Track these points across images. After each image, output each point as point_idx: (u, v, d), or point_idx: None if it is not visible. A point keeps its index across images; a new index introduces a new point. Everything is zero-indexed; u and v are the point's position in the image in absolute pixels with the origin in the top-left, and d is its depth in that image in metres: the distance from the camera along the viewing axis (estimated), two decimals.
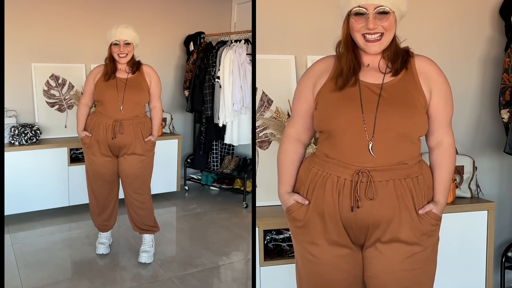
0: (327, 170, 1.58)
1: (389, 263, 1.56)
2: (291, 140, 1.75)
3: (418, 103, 1.55)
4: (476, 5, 2.86)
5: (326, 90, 1.61)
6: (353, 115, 1.53)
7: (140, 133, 2.98)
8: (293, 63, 2.70)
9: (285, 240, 2.60)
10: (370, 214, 1.54)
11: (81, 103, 3.08)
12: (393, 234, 1.55)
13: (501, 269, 2.80)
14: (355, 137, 1.53)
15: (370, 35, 1.53)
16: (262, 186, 2.60)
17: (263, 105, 2.66)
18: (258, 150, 2.63)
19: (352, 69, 1.58)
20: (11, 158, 3.72)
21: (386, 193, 1.53)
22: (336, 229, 1.59)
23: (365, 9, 1.51)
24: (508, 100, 2.70)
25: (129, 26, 2.91)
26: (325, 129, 1.59)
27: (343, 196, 1.55)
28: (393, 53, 1.58)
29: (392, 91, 1.56)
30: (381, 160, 1.52)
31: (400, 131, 1.52)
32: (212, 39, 4.74)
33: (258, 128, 2.63)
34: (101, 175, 3.03)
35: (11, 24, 3.88)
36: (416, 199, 1.56)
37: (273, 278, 2.39)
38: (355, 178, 1.53)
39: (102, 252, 3.18)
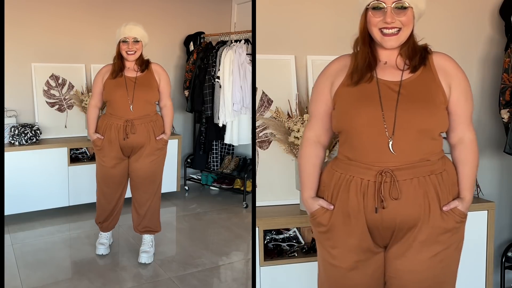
0: (350, 172, 1.57)
1: (412, 263, 1.54)
2: (311, 143, 1.72)
3: (438, 100, 1.54)
4: (476, 5, 2.86)
5: (343, 90, 1.60)
6: (372, 114, 1.52)
7: (152, 132, 2.95)
8: (293, 63, 2.70)
9: (285, 240, 2.60)
10: (396, 214, 1.52)
11: (91, 105, 3.05)
12: (417, 233, 1.53)
13: (501, 269, 2.80)
14: (375, 136, 1.52)
15: (388, 29, 1.53)
16: (262, 186, 2.60)
17: (263, 105, 2.66)
18: (258, 150, 2.63)
19: (368, 64, 1.57)
20: (11, 158, 3.71)
21: (410, 191, 1.52)
22: (361, 232, 1.57)
23: (384, 3, 1.51)
24: (508, 100, 2.70)
25: (138, 24, 2.89)
26: (344, 129, 1.58)
27: (367, 198, 1.54)
28: (411, 49, 1.57)
29: (411, 88, 1.55)
30: (403, 158, 1.51)
31: (420, 128, 1.51)
32: (212, 39, 4.74)
33: (258, 128, 2.63)
34: (112, 177, 3.00)
35: (11, 24, 3.88)
36: (441, 195, 1.55)
37: (273, 278, 2.39)
38: (379, 178, 1.51)
39: (102, 253, 3.16)
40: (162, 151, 3.04)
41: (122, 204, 3.18)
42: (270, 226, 2.42)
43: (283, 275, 2.40)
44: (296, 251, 2.51)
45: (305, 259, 2.42)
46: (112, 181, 3.02)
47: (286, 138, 2.48)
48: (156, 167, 3.04)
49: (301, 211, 2.49)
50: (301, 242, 2.61)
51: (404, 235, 1.55)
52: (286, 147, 2.49)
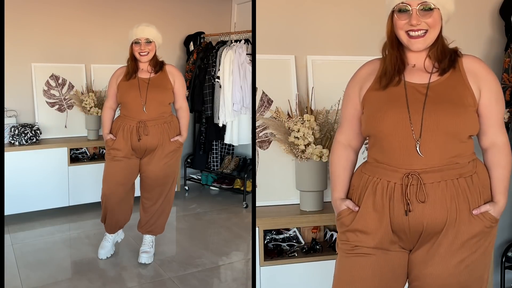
0: (377, 175, 1.57)
1: (436, 268, 1.52)
2: (342, 146, 1.73)
3: (466, 102, 1.52)
4: (476, 5, 2.86)
5: (372, 94, 1.60)
6: (399, 116, 1.51)
7: (166, 134, 2.91)
8: (293, 63, 2.70)
9: (285, 240, 2.60)
10: (423, 218, 1.50)
11: (105, 106, 3.03)
12: (443, 237, 1.51)
13: (501, 269, 2.80)
14: (402, 138, 1.51)
15: (414, 31, 1.52)
16: (262, 186, 2.60)
17: (263, 105, 2.66)
18: (258, 150, 2.63)
19: (397, 68, 1.57)
20: (11, 158, 3.71)
21: (437, 195, 1.50)
22: (385, 235, 1.55)
23: (409, 5, 1.50)
24: (508, 100, 2.70)
25: (150, 25, 2.87)
26: (372, 132, 1.58)
27: (394, 201, 1.52)
28: (440, 51, 1.56)
29: (439, 90, 1.53)
30: (430, 160, 1.49)
31: (448, 130, 1.49)
32: (212, 39, 4.74)
33: (258, 128, 2.63)
34: (119, 178, 2.93)
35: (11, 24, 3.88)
36: (470, 199, 1.52)
37: (273, 278, 2.39)
38: (405, 181, 1.50)
39: (102, 257, 3.09)
40: (176, 153, 3.01)
41: (131, 207, 3.09)
42: (270, 226, 2.42)
43: (283, 275, 2.40)
44: (296, 251, 2.51)
45: (305, 259, 2.42)
46: (118, 182, 2.93)
47: (286, 138, 2.48)
48: (169, 170, 3.00)
49: (301, 211, 2.49)
50: (301, 242, 2.61)
51: (431, 239, 1.53)
52: (286, 147, 2.49)
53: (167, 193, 3.06)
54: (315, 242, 2.53)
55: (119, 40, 3.52)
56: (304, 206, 2.49)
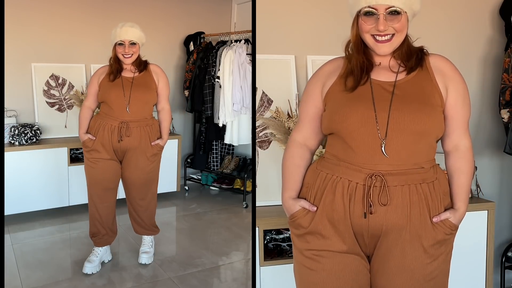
0: (338, 173, 1.50)
1: (397, 274, 1.47)
2: (297, 145, 1.67)
3: (434, 101, 1.48)
4: (476, 5, 2.86)
5: (335, 90, 1.55)
6: (365, 114, 1.45)
7: (147, 136, 2.85)
8: (293, 63, 2.70)
9: (285, 240, 2.60)
10: (383, 221, 1.45)
11: (84, 105, 2.92)
12: (403, 244, 1.46)
13: (501, 269, 2.80)
14: (367, 137, 1.45)
15: (380, 36, 1.47)
16: (262, 186, 2.60)
17: (263, 105, 2.65)
18: (258, 150, 2.63)
19: (364, 69, 1.52)
20: (11, 158, 3.72)
21: (400, 199, 1.44)
22: (346, 236, 1.50)
23: (376, 10, 1.44)
24: (508, 100, 2.70)
25: (135, 25, 2.78)
26: (335, 129, 1.51)
27: (354, 202, 1.46)
28: (405, 52, 1.52)
29: (406, 88, 1.49)
30: (396, 162, 1.44)
31: (415, 130, 1.43)
32: (212, 39, 4.74)
33: (258, 128, 2.63)
34: (101, 181, 2.85)
35: (11, 24, 3.89)
36: (431, 205, 1.48)
37: (273, 278, 2.39)
38: (368, 182, 1.44)
39: (87, 272, 2.88)
40: (157, 157, 2.93)
41: (114, 214, 3.02)
42: (270, 226, 2.42)
43: (283, 275, 2.40)
44: None
45: None
46: (103, 185, 2.86)
47: (286, 138, 2.48)
48: (151, 173, 2.94)
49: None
50: None
51: (390, 246, 1.47)
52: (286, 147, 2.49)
53: (151, 196, 3.02)
54: None
55: None
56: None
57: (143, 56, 2.93)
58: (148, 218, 3.08)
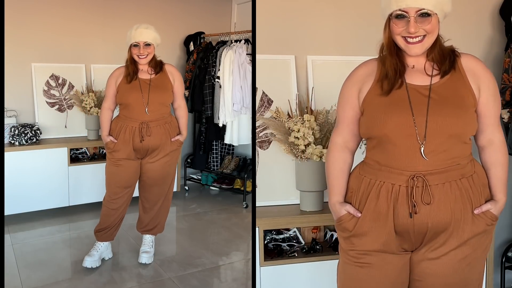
0: (380, 178, 1.55)
1: (439, 266, 1.53)
2: (339, 148, 1.70)
3: (468, 102, 1.53)
4: (476, 5, 2.86)
5: (372, 95, 1.58)
6: (403, 119, 1.50)
7: (167, 134, 2.92)
8: (293, 63, 2.70)
9: (285, 240, 2.60)
10: (428, 219, 1.51)
11: (104, 107, 2.98)
12: (448, 237, 1.52)
13: (501, 269, 2.80)
14: (406, 141, 1.50)
15: (411, 38, 1.50)
16: (262, 186, 2.60)
17: (263, 105, 2.65)
18: (258, 150, 2.63)
19: (398, 72, 1.55)
20: (11, 158, 3.71)
21: (442, 196, 1.50)
22: (388, 238, 1.55)
23: (406, 13, 1.47)
24: (508, 100, 2.70)
25: (149, 27, 2.84)
26: (374, 135, 1.56)
27: (398, 203, 1.52)
28: (438, 54, 1.55)
29: (441, 91, 1.53)
30: (435, 162, 1.50)
31: (452, 132, 1.49)
32: (212, 39, 4.74)
33: (258, 128, 2.63)
34: (123, 180, 2.92)
35: (11, 24, 3.88)
36: (473, 198, 1.54)
37: (273, 278, 2.39)
38: (410, 183, 1.50)
39: (87, 266, 2.94)
40: (176, 152, 3.02)
41: (125, 211, 3.06)
42: (270, 226, 2.42)
43: (283, 275, 2.40)
44: (296, 251, 2.51)
45: (305, 259, 2.42)
46: (122, 184, 2.93)
47: (286, 138, 2.47)
48: (170, 169, 3.02)
49: (301, 211, 2.49)
50: (301, 242, 2.61)
51: (434, 238, 1.54)
52: (286, 147, 2.49)
53: (167, 192, 3.08)
54: (315, 242, 2.53)
55: (119, 40, 3.51)
56: (304, 206, 2.49)
57: (158, 56, 2.97)
58: (161, 217, 3.10)
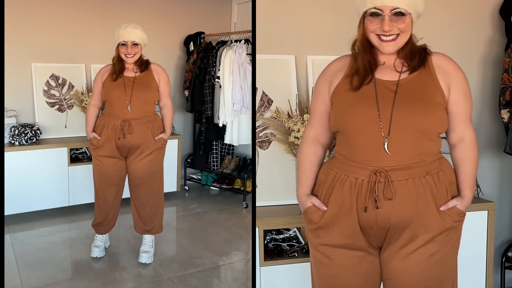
0: (345, 172, 1.57)
1: (409, 264, 1.53)
2: (310, 141, 1.74)
3: (436, 100, 1.53)
4: (476, 5, 2.86)
5: (341, 89, 1.59)
6: (368, 113, 1.51)
7: (150, 133, 2.94)
8: (293, 63, 2.70)
9: (285, 240, 2.60)
10: (390, 214, 1.51)
11: (90, 104, 3.05)
12: (412, 234, 1.52)
13: (501, 269, 2.80)
14: (370, 135, 1.51)
15: (385, 36, 1.51)
16: (262, 186, 2.60)
17: (263, 105, 2.66)
18: (258, 150, 2.63)
19: (369, 68, 1.56)
20: (11, 158, 3.71)
21: (405, 192, 1.51)
22: (352, 232, 1.56)
23: (381, 11, 1.49)
24: (508, 100, 2.70)
25: (137, 27, 2.87)
26: (340, 128, 1.58)
27: (361, 198, 1.53)
28: (409, 52, 1.56)
29: (409, 87, 1.53)
30: (398, 158, 1.50)
31: (417, 128, 1.49)
32: (212, 39, 4.74)
33: (258, 128, 2.63)
34: (108, 177, 2.98)
35: (11, 24, 3.89)
36: (437, 195, 1.54)
37: (273, 278, 2.39)
38: (373, 178, 1.51)
39: (97, 256, 3.12)
40: (160, 150, 3.02)
41: (119, 206, 3.16)
42: (270, 226, 2.42)
43: (283, 275, 2.40)
44: (296, 251, 2.51)
45: (305, 259, 2.42)
46: (108, 181, 2.99)
47: (286, 138, 2.48)
48: (155, 167, 3.02)
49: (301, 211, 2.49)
50: (301, 242, 2.61)
51: (400, 236, 1.54)
52: (286, 147, 2.49)
53: (157, 191, 3.09)
54: None
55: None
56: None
57: (144, 56, 3.00)
58: (153, 216, 3.10)
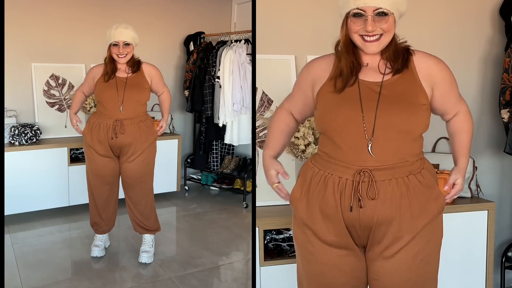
0: (329, 170, 1.57)
1: (393, 264, 1.54)
2: (284, 112, 1.80)
3: (419, 100, 1.53)
4: (476, 5, 2.86)
5: (325, 91, 1.60)
6: (352, 115, 1.51)
7: (141, 132, 2.95)
8: (293, 63, 2.70)
9: (285, 240, 2.60)
10: (373, 214, 1.52)
11: (78, 89, 3.14)
12: (396, 234, 1.53)
13: (501, 269, 2.80)
14: (354, 136, 1.51)
15: (369, 36, 1.51)
16: (262, 186, 2.60)
17: (263, 105, 2.66)
18: (258, 150, 2.63)
19: (353, 70, 1.56)
20: (11, 158, 3.71)
21: (388, 192, 1.51)
22: (338, 230, 1.57)
23: (364, 11, 1.48)
24: (508, 100, 2.70)
25: (129, 27, 2.88)
26: (325, 128, 1.58)
27: (345, 197, 1.53)
28: (393, 52, 1.56)
29: (392, 88, 1.54)
30: (382, 158, 1.51)
31: (401, 129, 1.50)
32: (212, 39, 4.74)
33: (258, 128, 2.63)
34: (101, 176, 3.00)
35: (11, 24, 3.88)
36: (420, 195, 1.54)
37: (273, 278, 2.39)
38: (357, 178, 1.51)
39: (96, 255, 3.12)
40: (151, 149, 3.02)
41: (116, 206, 3.16)
42: (270, 226, 2.42)
43: (283, 275, 2.40)
44: None
45: None
46: (101, 180, 3.00)
47: None
48: (147, 166, 3.03)
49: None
50: None
51: (383, 237, 1.54)
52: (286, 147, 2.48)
53: (150, 190, 3.10)
54: None
55: None
56: None
57: (140, 56, 3.01)
58: (149, 215, 3.10)
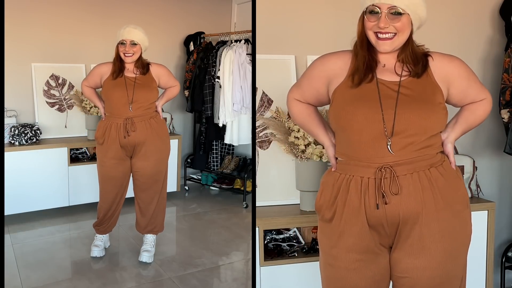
0: (349, 172, 1.58)
1: (422, 260, 1.53)
2: (297, 102, 1.78)
3: (436, 99, 1.55)
4: (476, 5, 2.86)
5: (343, 88, 1.60)
6: (371, 113, 1.52)
7: (152, 129, 2.94)
8: (293, 63, 2.70)
9: (285, 240, 2.60)
10: (399, 209, 1.52)
11: (83, 84, 3.08)
12: (423, 229, 1.53)
13: (501, 269, 2.80)
14: (374, 135, 1.52)
15: (382, 34, 1.53)
16: (262, 186, 2.60)
17: (263, 105, 2.66)
18: (258, 150, 2.63)
19: (368, 66, 1.58)
20: (11, 158, 3.71)
21: (411, 185, 1.52)
22: (360, 230, 1.56)
23: (379, 8, 1.52)
24: (508, 100, 2.70)
25: (138, 27, 2.89)
26: (343, 127, 1.58)
27: (369, 195, 1.54)
28: (410, 56, 1.58)
29: (410, 87, 1.55)
30: (402, 155, 1.52)
31: (420, 127, 1.52)
32: (212, 39, 4.74)
33: (258, 128, 2.63)
34: (112, 178, 2.98)
35: (11, 24, 3.88)
36: (446, 185, 1.55)
37: (273, 278, 2.39)
38: (378, 174, 1.52)
39: (96, 255, 3.12)
40: (165, 148, 3.03)
41: (121, 207, 3.16)
42: (270, 226, 2.42)
43: (283, 275, 2.40)
44: (296, 251, 2.51)
45: (305, 259, 2.42)
46: (112, 182, 2.99)
47: (286, 138, 2.48)
48: (161, 166, 3.04)
49: (301, 211, 2.49)
50: (301, 242, 2.61)
51: (410, 232, 1.54)
52: (286, 147, 2.49)
53: (161, 189, 3.09)
54: (315, 242, 2.53)
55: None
56: (304, 206, 2.49)
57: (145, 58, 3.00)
58: (158, 215, 3.11)
